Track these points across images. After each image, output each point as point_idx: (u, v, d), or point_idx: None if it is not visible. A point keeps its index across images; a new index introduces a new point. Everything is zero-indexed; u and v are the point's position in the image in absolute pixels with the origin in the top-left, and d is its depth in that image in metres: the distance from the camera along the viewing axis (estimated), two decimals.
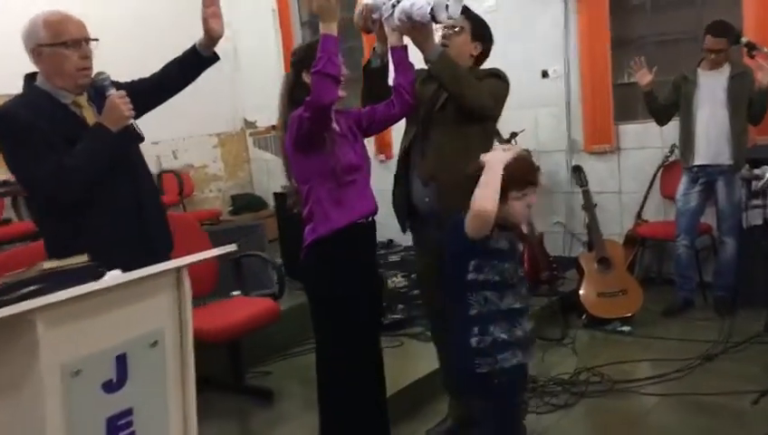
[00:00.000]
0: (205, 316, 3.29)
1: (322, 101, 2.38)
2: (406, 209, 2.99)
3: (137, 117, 2.53)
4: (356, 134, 2.74)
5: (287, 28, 6.61)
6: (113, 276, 1.61)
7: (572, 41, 5.15)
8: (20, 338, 1.45)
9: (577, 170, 4.73)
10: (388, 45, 2.79)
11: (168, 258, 2.48)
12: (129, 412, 1.67)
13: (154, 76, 2.61)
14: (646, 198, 4.84)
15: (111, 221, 2.34)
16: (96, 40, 2.37)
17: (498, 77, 2.89)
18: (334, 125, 2.64)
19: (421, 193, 2.92)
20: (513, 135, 5.06)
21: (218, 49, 2.64)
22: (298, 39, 6.71)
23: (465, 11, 2.93)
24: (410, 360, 3.75)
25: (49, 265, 1.61)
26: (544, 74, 5.31)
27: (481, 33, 2.96)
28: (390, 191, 3.02)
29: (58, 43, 2.27)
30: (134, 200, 2.41)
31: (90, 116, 2.36)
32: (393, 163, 3.10)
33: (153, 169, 6.39)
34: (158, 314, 1.69)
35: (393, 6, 2.68)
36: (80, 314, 1.54)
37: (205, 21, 2.51)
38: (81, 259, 1.66)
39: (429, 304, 3.15)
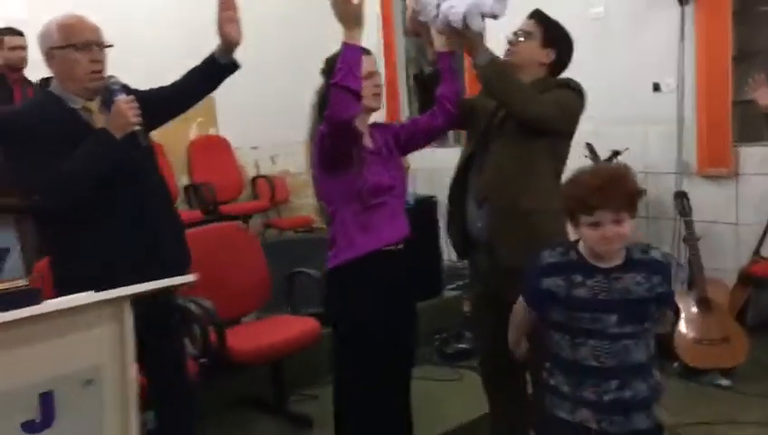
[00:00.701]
0: (239, 335, 3.14)
1: (340, 116, 2.16)
2: (461, 234, 2.69)
3: (154, 126, 2.45)
4: (392, 151, 2.49)
5: (390, 34, 6.43)
6: (43, 305, 1.45)
7: (689, 51, 4.59)
8: None
9: (680, 197, 4.20)
10: (436, 50, 2.53)
11: (181, 274, 2.39)
12: None
13: (174, 84, 2.48)
14: (766, 231, 4.23)
15: (113, 233, 2.22)
16: (110, 46, 2.28)
17: (568, 87, 2.55)
18: (366, 141, 2.41)
19: (474, 216, 2.64)
20: (615, 154, 4.59)
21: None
22: (400, 46, 6.52)
23: (538, 14, 2.64)
24: (464, 397, 3.42)
25: None
26: (656, 87, 4.78)
27: (554, 39, 2.62)
28: None
29: (68, 45, 2.20)
30: (138, 212, 2.28)
31: (100, 122, 2.26)
32: None
33: (250, 173, 6.48)
34: (94, 349, 1.52)
35: (437, 7, 2.42)
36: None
37: (220, 26, 2.35)
38: (20, 282, 1.51)
39: (479, 340, 2.83)
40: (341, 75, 2.13)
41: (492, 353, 2.71)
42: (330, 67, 2.37)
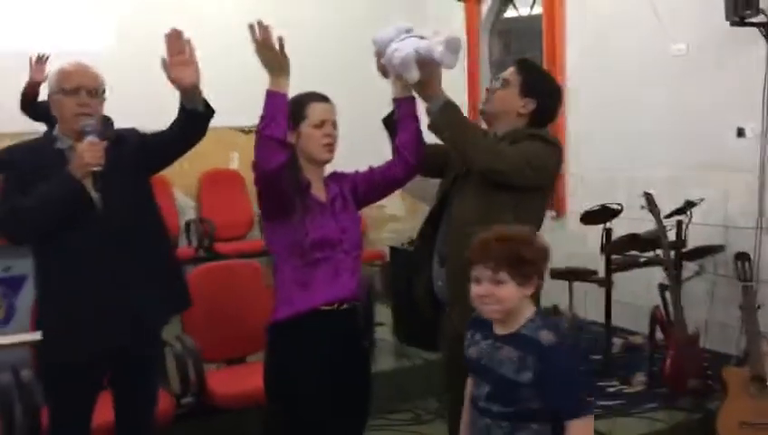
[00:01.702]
0: (229, 376, 3.11)
1: (265, 166, 2.08)
2: (428, 292, 2.51)
3: (155, 168, 2.53)
4: (347, 202, 2.36)
5: (474, 64, 6.25)
6: None
7: None
8: None
9: (740, 259, 3.71)
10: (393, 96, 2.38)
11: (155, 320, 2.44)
12: None
13: (166, 131, 2.47)
14: None
15: (71, 273, 2.30)
16: (101, 94, 2.37)
17: (540, 139, 2.35)
18: (317, 191, 2.30)
19: (437, 275, 2.46)
20: (689, 205, 4.15)
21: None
22: (485, 76, 6.32)
23: (519, 63, 2.47)
24: None
25: None
26: (740, 133, 4.29)
27: (534, 89, 2.41)
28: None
29: (59, 90, 2.33)
30: (95, 253, 2.30)
31: None
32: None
33: None
34: None
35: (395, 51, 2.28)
36: None
37: (168, 72, 2.27)
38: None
39: (448, 407, 2.61)
40: (264, 123, 2.07)
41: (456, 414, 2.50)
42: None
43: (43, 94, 4.58)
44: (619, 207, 4.26)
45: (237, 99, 3.88)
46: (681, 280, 4.16)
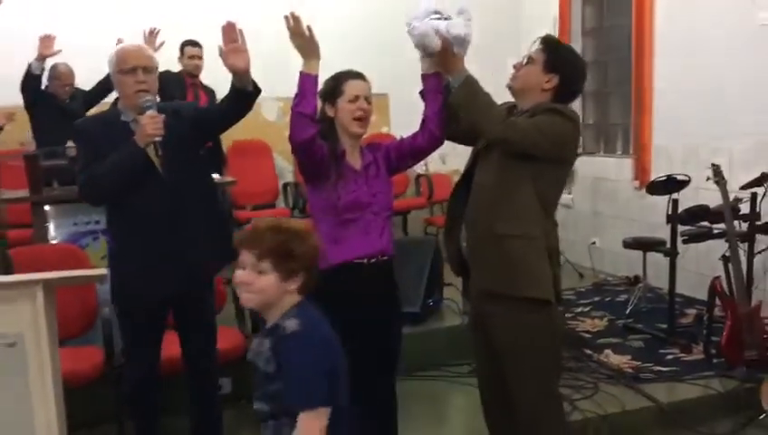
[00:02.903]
0: None
1: (297, 137, 2.40)
2: (457, 252, 2.74)
3: (201, 141, 2.89)
4: (380, 169, 2.64)
5: (565, 37, 6.27)
6: None
7: None
8: None
9: None
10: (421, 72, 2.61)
11: (209, 270, 2.83)
12: None
13: (215, 106, 2.85)
14: None
15: (138, 229, 2.69)
16: (154, 69, 2.75)
17: (557, 112, 2.48)
18: (352, 159, 2.59)
19: (463, 236, 2.67)
20: (765, 177, 4.10)
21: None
22: (577, 47, 6.30)
23: (545, 40, 2.60)
24: None
25: None
26: None
27: (558, 65, 2.55)
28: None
29: (119, 70, 2.70)
30: (153, 211, 2.66)
31: None
32: None
33: (420, 170, 6.76)
34: (16, 320, 1.96)
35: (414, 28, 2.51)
36: None
37: (224, 58, 2.60)
38: None
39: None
40: (296, 101, 2.37)
41: (483, 378, 2.74)
42: (323, 90, 2.59)
43: None
44: (687, 178, 4.26)
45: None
46: (754, 253, 4.15)
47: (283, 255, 1.77)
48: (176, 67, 5.29)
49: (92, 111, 4.81)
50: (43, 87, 4.87)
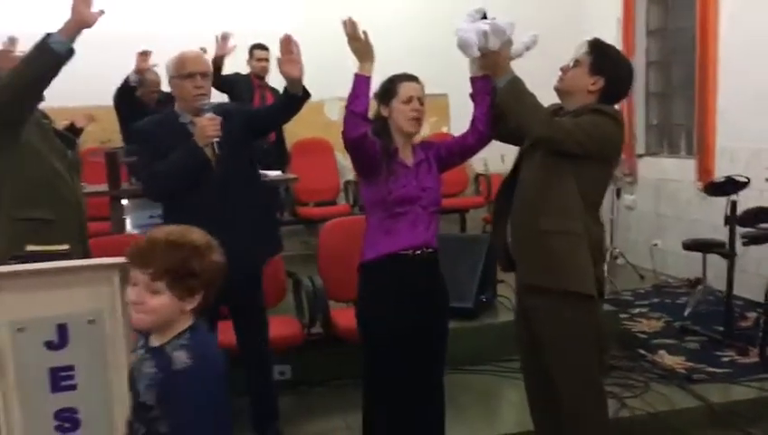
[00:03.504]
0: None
1: (349, 134, 2.55)
2: (504, 251, 2.83)
3: (250, 140, 3.07)
4: (431, 166, 2.77)
5: (629, 37, 6.25)
6: (57, 263, 2.16)
7: None
8: None
9: None
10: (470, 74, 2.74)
11: (259, 261, 3.00)
12: (70, 368, 2.21)
13: (267, 108, 3.04)
14: None
15: (193, 223, 2.86)
16: (210, 74, 2.95)
17: (601, 112, 2.56)
18: (404, 156, 2.73)
19: (508, 232, 2.78)
20: None
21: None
22: (641, 48, 6.31)
23: (591, 44, 2.69)
24: None
25: (32, 247, 2.23)
26: None
27: (603, 67, 2.63)
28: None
29: (178, 75, 2.91)
30: (211, 204, 2.83)
31: None
32: None
33: (479, 170, 6.84)
34: (95, 299, 2.18)
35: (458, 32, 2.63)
36: (27, 286, 2.13)
37: (280, 66, 2.86)
38: (60, 247, 2.24)
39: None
40: (350, 101, 2.53)
41: (528, 371, 2.83)
42: (378, 92, 2.75)
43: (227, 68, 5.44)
44: (746, 180, 4.23)
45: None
46: None
47: (180, 273, 1.63)
48: (244, 69, 5.54)
49: None
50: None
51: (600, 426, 2.68)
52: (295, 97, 2.92)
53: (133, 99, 5.08)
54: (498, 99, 2.61)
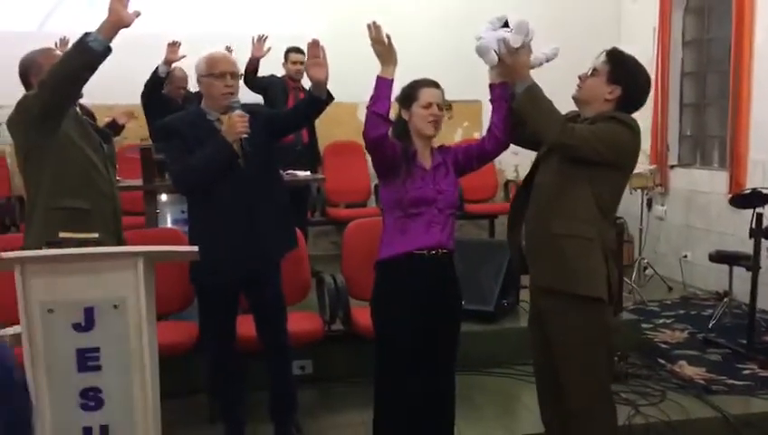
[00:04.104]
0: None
1: (370, 134, 2.64)
2: (519, 254, 2.89)
3: (274, 139, 3.16)
4: (449, 170, 2.84)
5: (665, 47, 6.23)
6: (85, 249, 2.29)
7: None
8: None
9: None
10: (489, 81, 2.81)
11: (277, 255, 3.11)
12: (96, 350, 2.33)
13: (290, 109, 3.13)
14: None
15: (219, 212, 2.97)
16: (238, 74, 3.07)
17: (617, 120, 2.61)
18: (422, 159, 2.81)
19: (523, 235, 2.83)
20: None
21: None
22: (677, 58, 6.28)
23: (610, 53, 2.73)
24: None
25: (64, 234, 2.36)
26: None
27: (621, 76, 2.67)
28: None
29: (209, 74, 3.01)
30: (237, 198, 2.95)
31: None
32: None
33: (510, 176, 6.85)
34: (121, 286, 2.30)
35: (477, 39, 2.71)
36: (57, 271, 2.26)
37: (307, 69, 2.98)
38: (91, 235, 2.37)
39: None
40: (372, 102, 2.62)
41: (539, 372, 2.88)
42: (399, 96, 2.83)
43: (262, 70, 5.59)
44: None
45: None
46: None
47: None
48: (280, 71, 5.67)
49: None
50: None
51: (606, 429, 2.72)
52: (319, 99, 3.02)
53: (161, 94, 5.23)
54: (515, 104, 2.67)
